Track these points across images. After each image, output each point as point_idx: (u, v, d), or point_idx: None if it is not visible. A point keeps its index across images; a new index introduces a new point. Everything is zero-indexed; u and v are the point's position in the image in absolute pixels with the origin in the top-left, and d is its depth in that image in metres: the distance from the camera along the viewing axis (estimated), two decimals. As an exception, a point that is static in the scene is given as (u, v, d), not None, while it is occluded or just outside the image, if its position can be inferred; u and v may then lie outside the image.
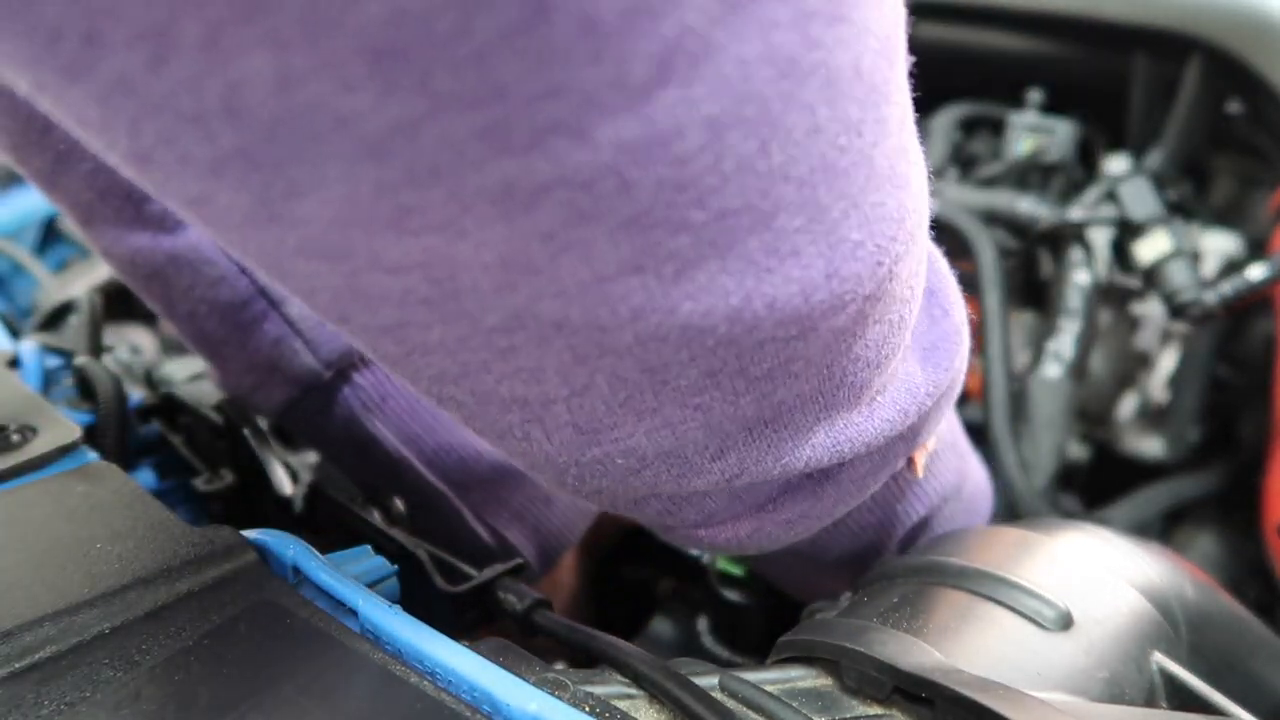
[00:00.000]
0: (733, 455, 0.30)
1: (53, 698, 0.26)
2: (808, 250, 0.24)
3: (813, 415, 0.30)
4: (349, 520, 0.44)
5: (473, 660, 0.28)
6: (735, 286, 0.24)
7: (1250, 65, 0.74)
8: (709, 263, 0.23)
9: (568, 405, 0.27)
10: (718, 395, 0.27)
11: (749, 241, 0.23)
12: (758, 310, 0.24)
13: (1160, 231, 0.69)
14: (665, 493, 0.32)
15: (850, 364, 0.29)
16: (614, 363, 0.25)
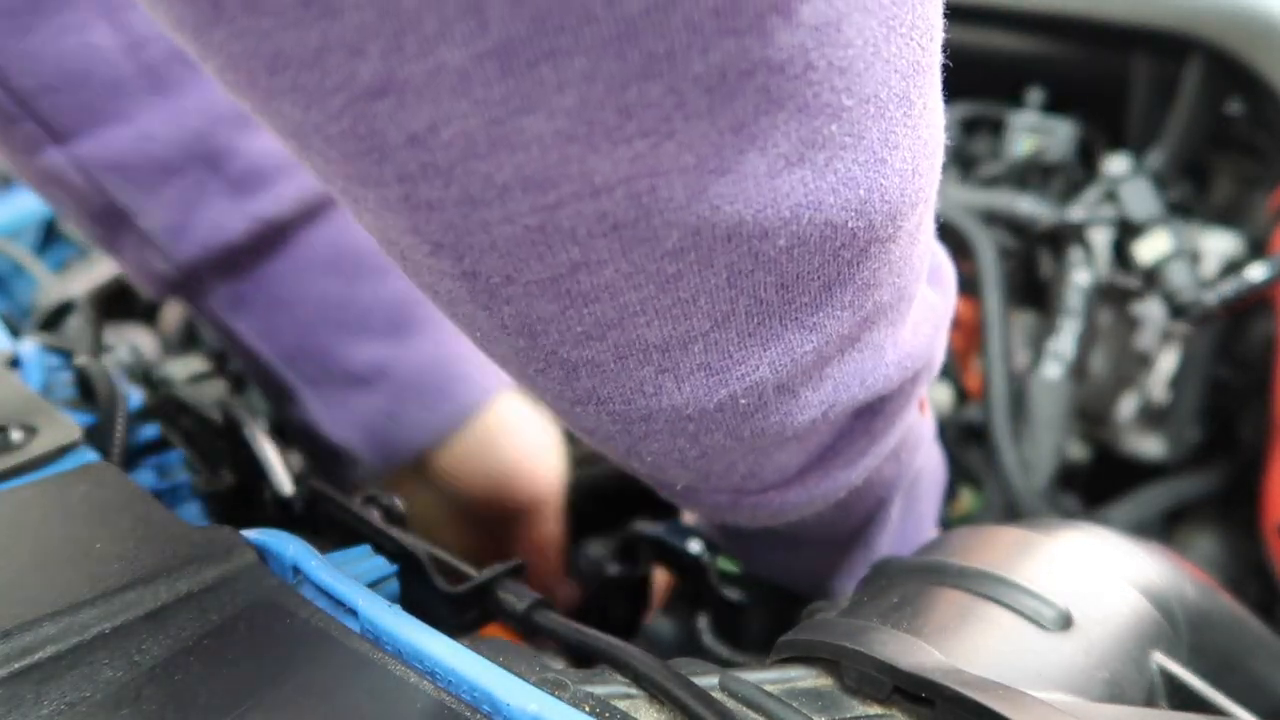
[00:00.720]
0: (830, 380, 0.32)
1: (53, 698, 0.26)
2: (903, 143, 0.27)
3: (886, 328, 0.32)
4: (349, 520, 0.44)
5: (473, 660, 0.28)
6: (863, 177, 0.26)
7: (1250, 65, 0.74)
8: (848, 152, 0.25)
9: (705, 342, 0.28)
10: (830, 311, 0.29)
11: (872, 131, 0.26)
12: (875, 204, 0.27)
13: (1160, 231, 0.69)
14: (766, 442, 0.33)
15: (911, 271, 0.31)
16: (760, 279, 0.27)
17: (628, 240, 0.25)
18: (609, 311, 0.27)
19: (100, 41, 0.46)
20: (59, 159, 0.47)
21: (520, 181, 0.24)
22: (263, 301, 0.53)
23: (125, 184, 0.48)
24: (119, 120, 0.47)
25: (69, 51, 0.45)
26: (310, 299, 0.53)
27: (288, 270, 0.53)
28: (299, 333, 0.54)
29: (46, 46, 0.45)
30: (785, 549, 0.47)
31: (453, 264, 0.26)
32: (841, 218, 0.26)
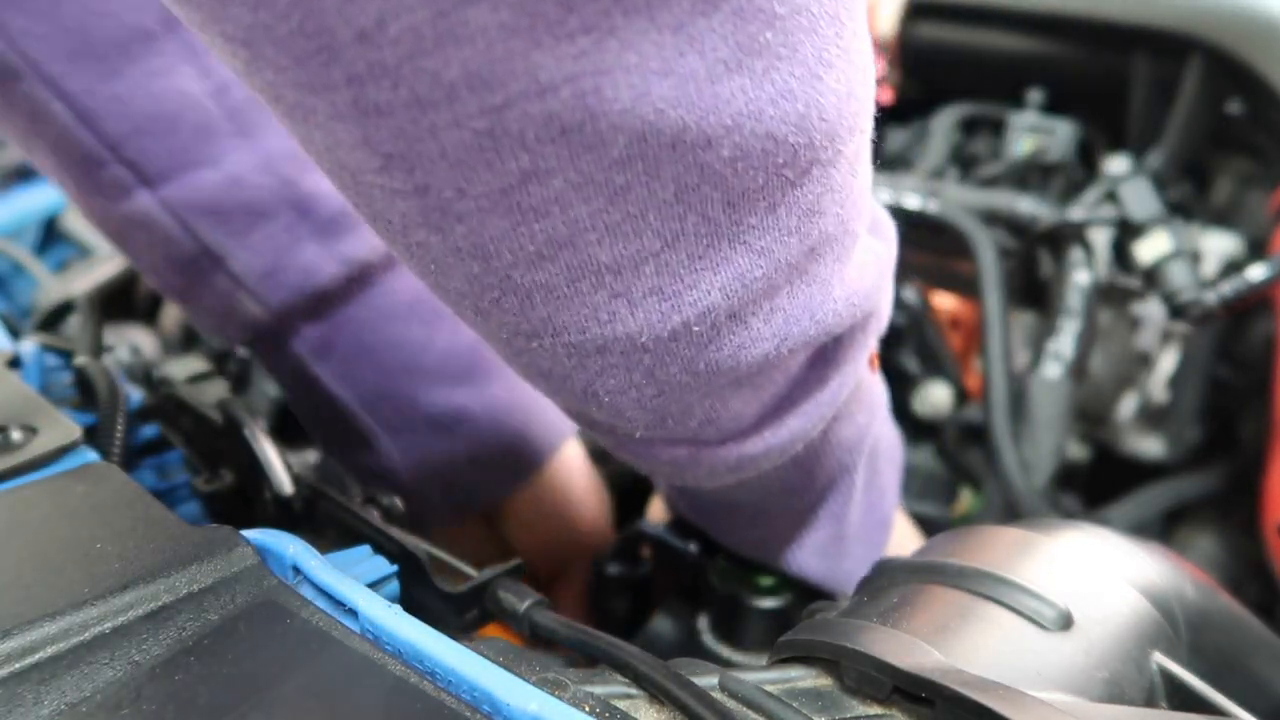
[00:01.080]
0: (780, 313, 0.32)
1: (53, 698, 0.26)
2: (837, 63, 0.28)
3: (833, 263, 0.33)
4: (349, 520, 0.44)
5: (473, 660, 0.28)
6: (800, 90, 0.27)
7: (1250, 65, 0.74)
8: (784, 64, 0.26)
9: (656, 263, 0.29)
10: (777, 235, 0.30)
11: (806, 45, 0.27)
12: (813, 121, 0.28)
13: (1160, 231, 0.69)
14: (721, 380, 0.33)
15: (852, 205, 0.32)
16: (707, 195, 0.28)
17: (575, 146, 0.25)
18: (560, 228, 0.27)
19: (187, 86, 0.46)
20: (149, 202, 0.47)
21: (467, 80, 0.24)
22: (347, 347, 0.53)
23: (217, 227, 0.48)
24: (208, 164, 0.47)
25: (158, 95, 0.46)
26: (392, 344, 0.53)
27: (372, 315, 0.53)
28: (381, 378, 0.54)
29: (136, 90, 0.45)
30: (752, 522, 0.47)
31: (404, 178, 0.26)
32: (782, 131, 0.27)
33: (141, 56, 0.45)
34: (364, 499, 0.47)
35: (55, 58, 0.44)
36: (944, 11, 0.92)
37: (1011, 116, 0.81)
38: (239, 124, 0.48)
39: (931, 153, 0.89)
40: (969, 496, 0.74)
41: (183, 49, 0.46)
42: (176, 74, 0.46)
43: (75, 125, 0.45)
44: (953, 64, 0.94)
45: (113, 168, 0.46)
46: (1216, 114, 0.81)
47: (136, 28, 0.45)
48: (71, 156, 0.46)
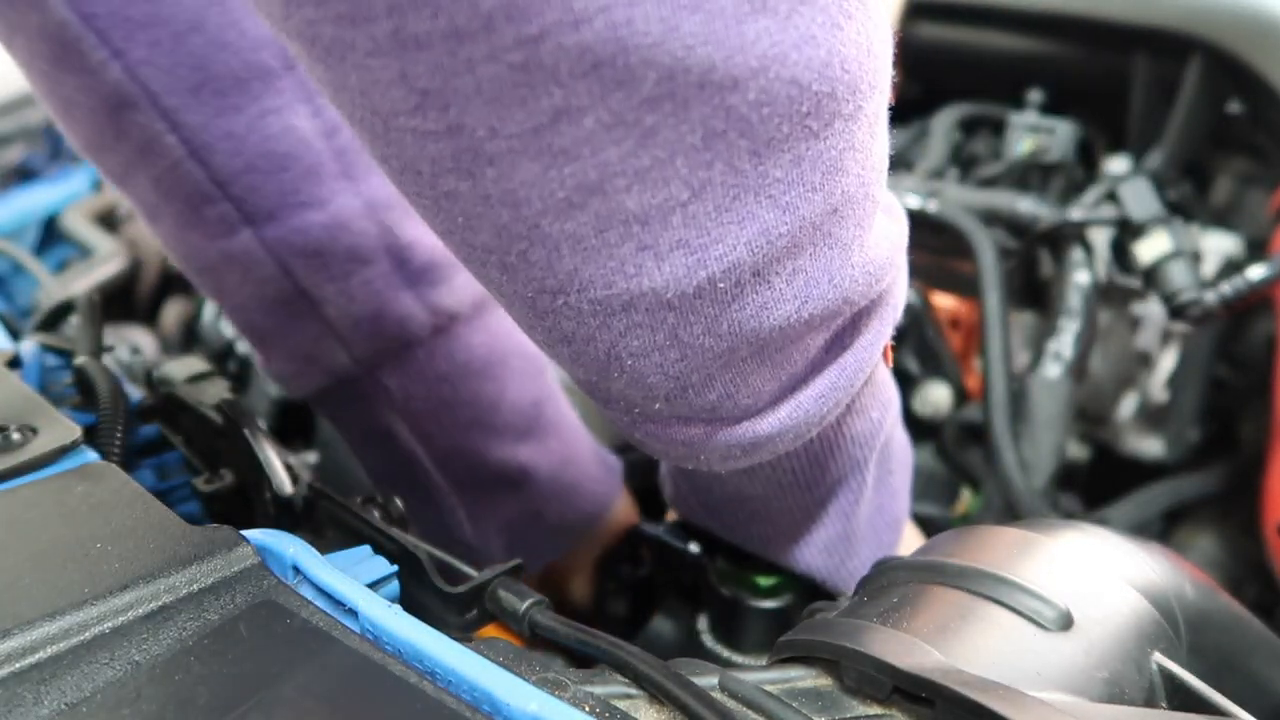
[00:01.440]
0: (802, 274, 0.33)
1: (53, 698, 0.26)
2: (858, 15, 0.29)
3: (853, 227, 0.33)
4: (349, 520, 0.44)
5: (473, 660, 0.28)
6: (822, 37, 0.28)
7: (1250, 65, 0.74)
8: (805, 8, 0.27)
9: (683, 214, 0.29)
10: (801, 191, 0.30)
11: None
12: (835, 70, 0.28)
13: (1160, 231, 0.69)
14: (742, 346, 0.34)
15: (872, 167, 0.33)
16: (734, 142, 0.28)
17: (607, 82, 0.26)
18: (589, 172, 0.28)
19: (300, 125, 0.46)
20: (251, 242, 0.46)
21: (505, 8, 0.24)
22: (426, 401, 0.52)
23: (318, 271, 0.47)
24: (314, 206, 0.47)
25: (271, 133, 0.45)
26: (467, 400, 0.53)
27: (452, 369, 0.53)
28: (455, 434, 0.53)
29: (251, 127, 0.45)
30: (760, 516, 0.47)
31: (437, 117, 0.27)
32: (806, 77, 0.28)
33: (260, 94, 0.45)
34: (364, 499, 0.47)
35: (175, 90, 0.43)
36: (944, 11, 0.92)
37: (1012, 116, 0.81)
38: (344, 166, 0.48)
39: (931, 153, 0.89)
40: (969, 496, 0.74)
41: (298, 88, 0.46)
42: (291, 112, 0.46)
43: (187, 159, 0.45)
44: (953, 64, 0.94)
45: (220, 204, 0.46)
46: (1216, 114, 0.81)
47: (257, 65, 0.44)
48: (178, 191, 0.45)
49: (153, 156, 0.45)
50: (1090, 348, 0.74)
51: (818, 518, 0.47)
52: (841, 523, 0.47)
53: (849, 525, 0.47)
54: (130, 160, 0.45)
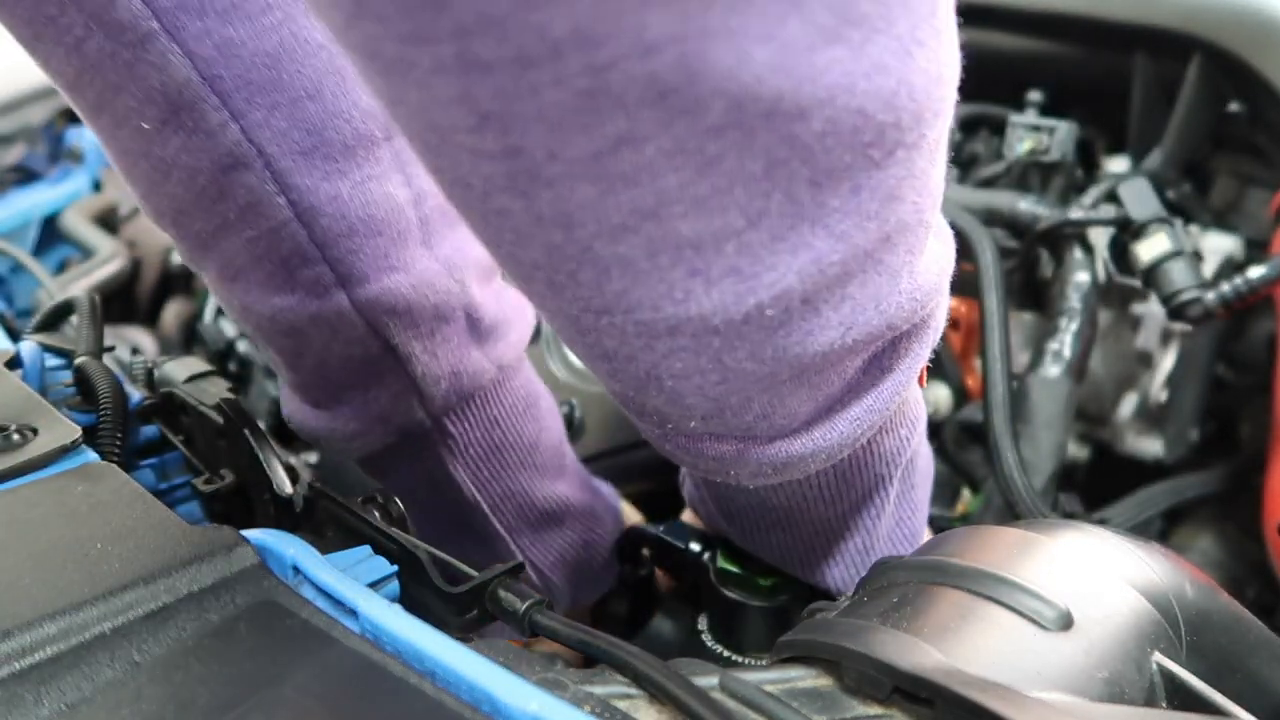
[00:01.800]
0: (850, 301, 0.33)
1: (53, 698, 0.26)
2: (931, 43, 0.28)
3: (905, 253, 0.33)
4: (349, 520, 0.44)
5: (473, 660, 0.28)
6: (894, 65, 0.27)
7: (1250, 65, 0.74)
8: (880, 37, 0.27)
9: (738, 242, 0.29)
10: (857, 220, 0.30)
11: (902, 21, 0.27)
12: (903, 100, 0.28)
13: (1160, 231, 0.69)
14: (784, 370, 0.34)
15: (929, 194, 0.33)
16: (795, 171, 0.28)
17: (673, 110, 0.26)
18: (647, 198, 0.27)
19: (395, 192, 0.47)
20: (344, 303, 0.47)
21: (574, 36, 0.24)
22: (481, 446, 0.54)
23: (406, 328, 0.48)
24: (401, 269, 0.48)
25: (372, 199, 0.46)
26: (514, 442, 0.55)
27: (502, 413, 0.54)
28: (506, 477, 0.55)
29: (354, 192, 0.46)
30: (781, 526, 0.48)
31: (497, 139, 0.26)
32: (872, 107, 0.28)
33: (364, 161, 0.46)
34: (364, 499, 0.47)
35: (288, 153, 0.44)
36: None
37: (1012, 117, 0.81)
38: (426, 233, 0.49)
39: (931, 153, 0.88)
40: (969, 496, 0.74)
41: (394, 157, 0.47)
42: (388, 180, 0.47)
43: (292, 220, 0.45)
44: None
45: (317, 267, 0.47)
46: (1216, 114, 0.80)
47: (365, 133, 0.46)
48: (277, 252, 0.46)
49: (256, 217, 0.45)
50: (1090, 348, 0.74)
51: (839, 531, 0.47)
52: (862, 537, 0.47)
53: (869, 539, 0.48)
54: (227, 221, 0.46)
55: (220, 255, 0.47)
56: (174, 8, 0.41)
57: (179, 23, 0.41)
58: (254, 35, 0.42)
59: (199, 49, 0.42)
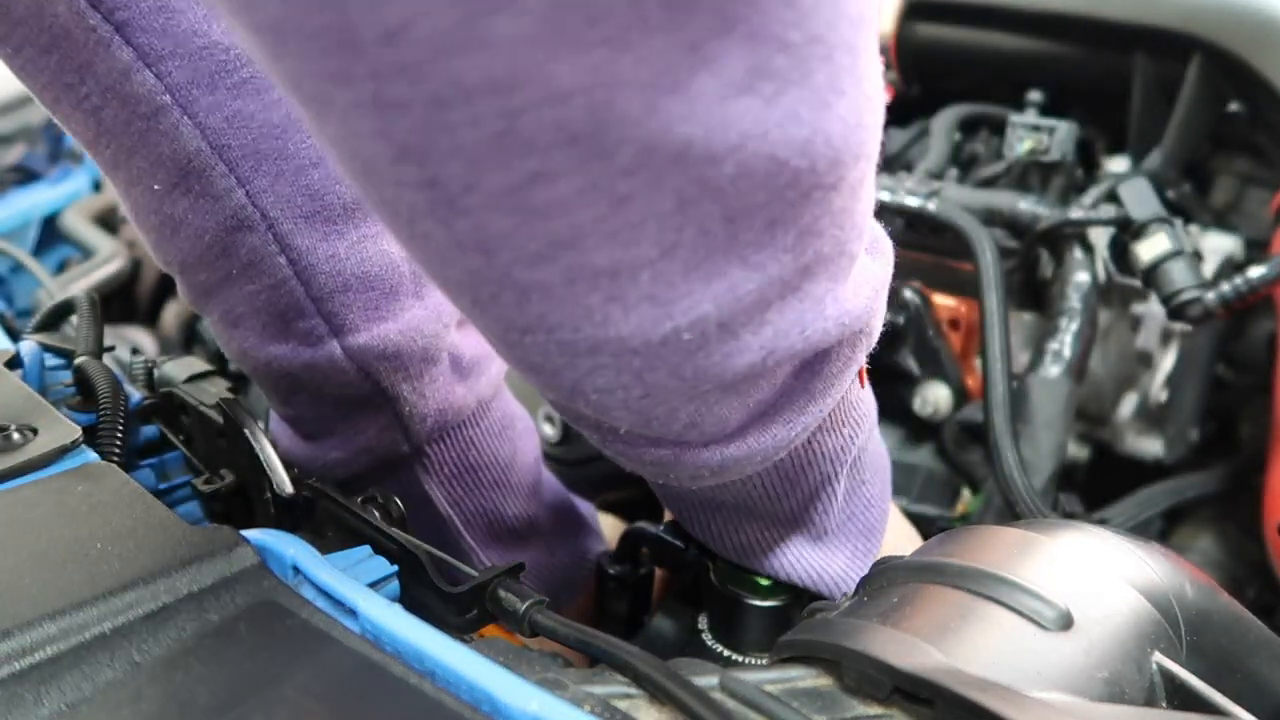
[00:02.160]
0: (770, 326, 0.33)
1: (53, 698, 0.26)
2: (850, 92, 0.28)
3: (827, 282, 0.33)
4: (349, 520, 0.44)
5: (473, 660, 0.28)
6: (808, 116, 0.28)
7: (1250, 65, 0.74)
8: (794, 89, 0.27)
9: (652, 271, 0.30)
10: (772, 252, 0.31)
11: (819, 74, 0.27)
12: (818, 148, 0.28)
13: (1160, 231, 0.69)
14: (708, 385, 0.34)
15: (852, 227, 0.33)
16: (707, 210, 0.28)
17: (584, 153, 0.26)
18: (563, 230, 0.28)
19: (391, 250, 0.49)
20: (336, 351, 0.49)
21: (486, 83, 0.24)
22: (458, 466, 0.56)
23: (395, 371, 0.50)
24: (392, 318, 0.50)
25: (368, 257, 0.49)
26: (489, 462, 0.57)
27: (477, 434, 0.56)
28: (479, 495, 0.57)
29: (351, 251, 0.48)
30: (734, 524, 0.48)
31: (416, 171, 0.27)
32: (785, 154, 0.28)
33: (361, 222, 0.48)
34: (364, 499, 0.47)
35: (290, 216, 0.47)
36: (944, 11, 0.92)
37: (1012, 117, 0.81)
38: (418, 286, 0.51)
39: (931, 153, 0.89)
40: (969, 496, 0.74)
41: None
42: (384, 238, 0.49)
43: (291, 278, 0.48)
44: (953, 64, 0.94)
45: (312, 319, 0.49)
46: (1216, 114, 0.81)
47: None
48: (275, 305, 0.48)
49: (257, 274, 0.48)
50: (1090, 348, 0.74)
51: (787, 526, 0.48)
52: (811, 530, 0.48)
53: (818, 532, 0.48)
54: (229, 275, 0.48)
55: (222, 303, 0.50)
56: (187, 83, 0.43)
57: (191, 96, 0.44)
58: (263, 108, 0.45)
59: (209, 121, 0.44)
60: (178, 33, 0.43)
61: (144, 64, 0.43)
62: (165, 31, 0.43)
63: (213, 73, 0.44)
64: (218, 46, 0.44)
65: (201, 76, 0.44)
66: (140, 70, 0.43)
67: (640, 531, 0.57)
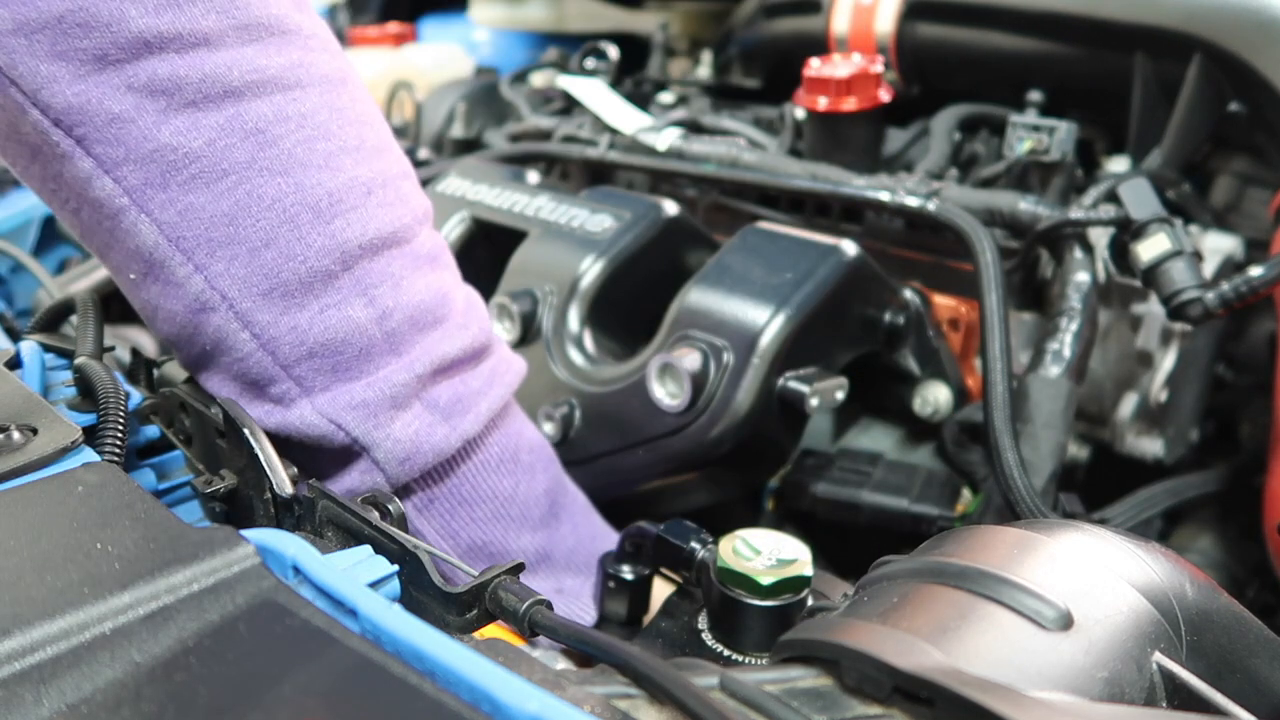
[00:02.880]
0: None
1: (53, 698, 0.26)
2: None
3: None
4: (349, 520, 0.44)
5: (473, 660, 0.28)
6: None
7: (1250, 65, 0.74)
8: None
9: None
10: None
11: None
12: None
13: (1160, 231, 0.69)
14: None
15: None
16: None
17: None
18: None
19: (356, 315, 0.52)
20: (307, 409, 0.52)
21: None
22: (450, 502, 0.57)
23: (366, 421, 0.52)
24: (364, 376, 0.53)
25: (331, 325, 0.51)
26: (486, 497, 0.58)
27: (472, 471, 0.58)
28: (475, 529, 0.58)
29: (313, 322, 0.51)
30: None
31: None
32: None
33: (321, 293, 0.51)
34: (364, 499, 0.47)
35: (249, 295, 0.50)
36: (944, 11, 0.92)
37: (1011, 116, 0.81)
38: (393, 344, 0.53)
39: (931, 153, 0.89)
40: (969, 496, 0.74)
41: (356, 284, 0.52)
42: (348, 305, 0.52)
43: (256, 350, 0.51)
44: (953, 64, 0.94)
45: (283, 384, 0.52)
46: (1216, 114, 0.81)
47: (321, 270, 0.50)
48: (247, 376, 0.52)
49: (227, 349, 0.51)
50: (1090, 348, 0.74)
51: None
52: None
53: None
54: (204, 351, 0.52)
55: (206, 376, 0.53)
56: (142, 184, 0.48)
57: (146, 196, 0.48)
58: (212, 199, 0.48)
59: (164, 216, 0.48)
60: (130, 140, 0.47)
61: (103, 170, 0.47)
62: (119, 140, 0.47)
63: (164, 172, 0.48)
64: (167, 148, 0.47)
65: (154, 177, 0.48)
66: (100, 176, 0.47)
67: (640, 531, 0.57)
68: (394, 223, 0.53)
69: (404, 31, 1.54)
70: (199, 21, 0.47)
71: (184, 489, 0.53)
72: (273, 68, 0.49)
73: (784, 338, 0.64)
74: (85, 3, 0.44)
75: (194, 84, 0.47)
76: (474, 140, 1.17)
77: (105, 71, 0.46)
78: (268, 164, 0.49)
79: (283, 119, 0.49)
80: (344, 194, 0.51)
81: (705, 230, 0.81)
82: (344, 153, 0.51)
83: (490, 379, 0.58)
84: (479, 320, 0.58)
